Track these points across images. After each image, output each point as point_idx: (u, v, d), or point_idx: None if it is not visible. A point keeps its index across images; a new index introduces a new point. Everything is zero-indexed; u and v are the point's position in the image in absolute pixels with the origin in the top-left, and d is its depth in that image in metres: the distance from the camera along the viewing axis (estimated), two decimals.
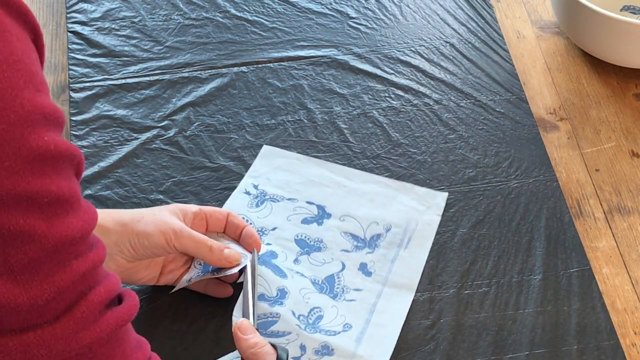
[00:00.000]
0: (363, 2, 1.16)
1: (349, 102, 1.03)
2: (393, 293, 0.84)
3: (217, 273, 0.81)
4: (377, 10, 1.15)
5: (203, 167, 0.96)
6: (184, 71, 1.07)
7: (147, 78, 1.06)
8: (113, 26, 1.12)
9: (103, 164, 0.96)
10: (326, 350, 0.78)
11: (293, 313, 0.80)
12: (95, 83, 1.05)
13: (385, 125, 1.01)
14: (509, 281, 0.86)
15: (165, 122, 1.01)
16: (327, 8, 1.15)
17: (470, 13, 1.14)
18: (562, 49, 1.11)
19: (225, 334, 0.81)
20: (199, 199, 0.93)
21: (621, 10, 1.13)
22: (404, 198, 0.92)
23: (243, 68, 1.07)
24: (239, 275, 0.84)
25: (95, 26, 1.12)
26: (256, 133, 1.00)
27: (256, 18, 1.14)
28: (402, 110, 1.03)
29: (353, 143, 0.99)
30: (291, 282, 0.82)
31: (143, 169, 0.96)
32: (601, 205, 0.94)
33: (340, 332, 0.80)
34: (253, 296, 0.78)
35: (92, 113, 1.02)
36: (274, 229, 0.89)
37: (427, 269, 0.87)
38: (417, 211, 0.91)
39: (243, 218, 0.88)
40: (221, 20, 1.13)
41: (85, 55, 1.08)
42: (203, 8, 1.15)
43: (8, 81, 0.47)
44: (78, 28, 1.11)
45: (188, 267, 0.83)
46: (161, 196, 0.93)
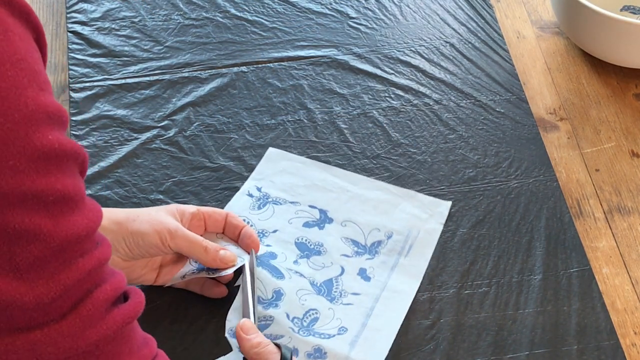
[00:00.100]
0: (363, 2, 1.16)
1: (349, 102, 1.03)
2: (391, 297, 0.84)
3: (212, 273, 0.81)
4: (377, 10, 1.15)
5: (203, 167, 0.96)
6: (184, 71, 1.07)
7: (147, 78, 1.06)
8: (113, 26, 1.12)
9: (103, 164, 0.96)
10: (319, 353, 0.78)
11: (287, 315, 0.80)
12: (95, 83, 1.05)
13: (385, 125, 1.01)
14: (509, 281, 0.86)
15: (165, 122, 1.01)
16: (327, 8, 1.15)
17: (470, 13, 1.14)
18: (562, 49, 1.11)
19: (225, 334, 0.81)
20: (199, 199, 0.93)
21: (621, 10, 1.13)
22: (407, 206, 0.92)
23: (243, 68, 1.07)
24: (234, 276, 0.83)
25: (95, 26, 1.12)
26: (256, 133, 1.00)
27: (256, 18, 1.14)
28: (402, 110, 1.03)
29: (353, 143, 0.99)
30: (288, 283, 0.82)
31: (143, 169, 0.96)
32: (601, 205, 0.94)
33: (334, 336, 0.80)
34: (253, 296, 0.78)
35: (92, 113, 1.02)
36: (275, 232, 0.89)
37: (427, 269, 0.87)
38: (420, 219, 0.90)
39: (244, 220, 0.88)
40: (221, 20, 1.13)
41: (85, 55, 1.08)
42: (203, 8, 1.15)
43: (12, 80, 0.48)
44: (78, 28, 1.11)
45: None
46: (161, 196, 0.93)
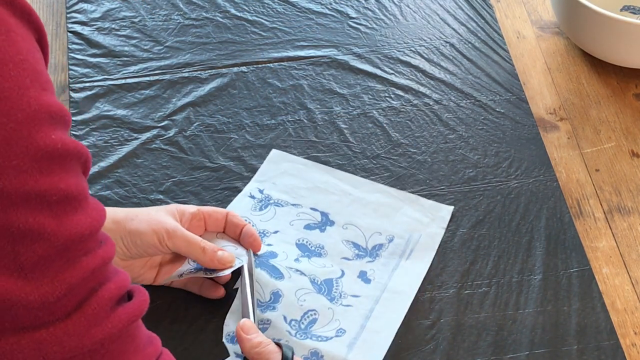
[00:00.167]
0: (363, 2, 1.16)
1: (349, 102, 1.03)
2: (391, 298, 0.83)
3: (210, 273, 0.80)
4: (377, 10, 1.15)
5: (203, 167, 0.96)
6: (184, 71, 1.07)
7: (147, 78, 1.06)
8: (113, 26, 1.12)
9: (103, 164, 0.96)
10: (316, 357, 0.77)
11: (284, 318, 0.79)
12: (95, 83, 1.05)
13: (385, 125, 1.01)
14: (509, 281, 0.86)
15: (165, 122, 1.01)
16: (327, 8, 1.15)
17: (470, 13, 1.14)
18: (562, 49, 1.11)
19: (222, 339, 0.81)
20: (199, 199, 0.93)
21: (621, 10, 1.13)
22: (409, 209, 0.91)
23: (243, 68, 1.07)
24: (232, 277, 0.83)
25: (95, 26, 1.12)
26: (256, 133, 1.00)
27: (256, 18, 1.14)
28: (402, 110, 1.03)
29: (353, 143, 0.99)
30: (287, 283, 0.81)
31: (143, 169, 0.96)
32: (601, 205, 0.94)
33: (332, 338, 0.79)
34: (252, 296, 0.78)
35: (92, 113, 1.02)
36: (276, 232, 0.89)
37: (427, 270, 0.87)
38: (421, 223, 0.90)
39: (245, 220, 0.88)
40: (221, 20, 1.13)
41: (85, 55, 1.08)
42: (203, 8, 1.15)
43: (14, 80, 0.48)
44: (78, 28, 1.11)
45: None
46: (161, 196, 0.93)
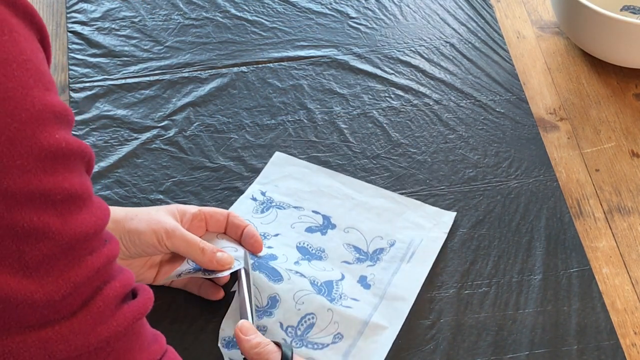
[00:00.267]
0: (363, 2, 1.16)
1: (349, 102, 1.03)
2: (389, 306, 0.83)
3: (209, 274, 0.80)
4: (377, 10, 1.15)
5: (203, 167, 0.96)
6: (184, 71, 1.07)
7: (147, 78, 1.06)
8: (113, 26, 1.12)
9: (103, 164, 0.96)
10: None
11: (281, 325, 0.78)
12: (95, 83, 1.05)
13: (385, 125, 1.01)
14: (509, 281, 0.86)
15: (165, 122, 1.01)
16: (327, 8, 1.15)
17: (470, 13, 1.14)
18: (562, 49, 1.11)
19: (218, 344, 0.81)
20: (199, 199, 0.93)
21: (621, 10, 1.13)
22: (412, 215, 0.91)
23: (243, 68, 1.07)
24: (231, 279, 0.83)
25: (95, 26, 1.12)
26: (256, 133, 1.00)
27: (256, 18, 1.14)
28: (402, 110, 1.03)
29: (353, 143, 0.99)
30: (286, 286, 0.80)
31: (143, 169, 0.96)
32: (601, 205, 0.94)
33: (328, 345, 0.78)
34: (250, 297, 0.77)
35: (92, 113, 1.02)
36: (277, 235, 0.88)
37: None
38: (424, 228, 0.90)
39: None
40: (221, 20, 1.13)
41: (85, 55, 1.08)
42: (203, 8, 1.15)
43: (18, 80, 0.48)
44: (78, 28, 1.11)
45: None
46: (161, 196, 0.93)
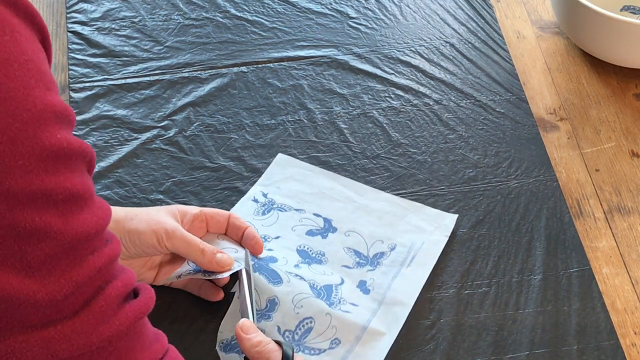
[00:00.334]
0: (363, 2, 1.16)
1: (349, 102, 1.03)
2: (388, 311, 0.82)
3: (208, 275, 0.80)
4: (377, 10, 1.15)
5: (203, 167, 0.96)
6: (184, 71, 1.07)
7: (147, 78, 1.06)
8: (113, 26, 1.12)
9: (103, 164, 0.96)
10: None
11: (278, 329, 0.78)
12: (95, 83, 1.05)
13: (385, 125, 1.01)
14: (509, 281, 0.86)
15: (165, 122, 1.01)
16: (327, 8, 1.15)
17: (470, 13, 1.14)
18: (562, 49, 1.11)
19: (216, 347, 0.81)
20: (199, 199, 0.93)
21: (621, 10, 1.13)
22: (413, 218, 0.90)
23: (243, 68, 1.07)
24: (231, 280, 0.83)
25: (95, 26, 1.12)
26: (256, 133, 1.00)
27: (256, 18, 1.14)
28: (402, 110, 1.03)
29: (353, 143, 0.99)
30: (285, 288, 0.80)
31: (143, 169, 0.96)
32: (601, 205, 0.94)
33: (325, 351, 0.78)
34: (250, 296, 0.77)
35: (92, 113, 1.02)
36: (277, 238, 0.88)
37: None
38: (425, 231, 0.89)
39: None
40: (221, 20, 1.13)
41: (85, 55, 1.08)
42: (203, 8, 1.15)
43: (19, 80, 0.48)
44: (78, 28, 1.11)
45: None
46: (161, 196, 0.93)
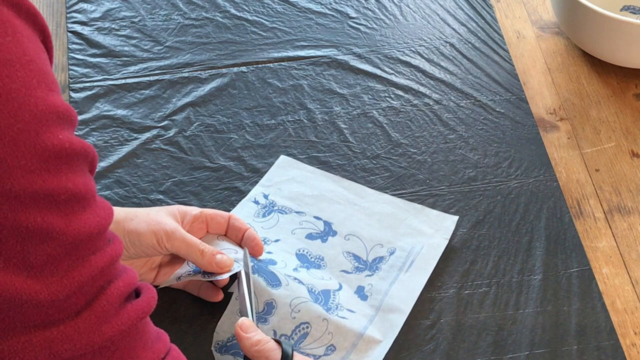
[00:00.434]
0: (363, 2, 1.16)
1: (349, 102, 1.03)
2: (385, 318, 0.82)
3: (208, 276, 0.79)
4: (377, 10, 1.15)
5: (203, 167, 0.96)
6: (184, 71, 1.07)
7: (147, 78, 1.06)
8: (113, 26, 1.12)
9: (103, 164, 0.96)
10: None
11: (274, 333, 0.78)
12: (95, 83, 1.05)
13: (385, 125, 1.01)
14: (509, 281, 0.86)
15: (165, 122, 1.01)
16: (327, 8, 1.15)
17: (470, 13, 1.14)
18: (562, 49, 1.11)
19: (211, 347, 0.81)
20: (199, 199, 0.93)
21: (621, 10, 1.13)
22: (414, 221, 0.90)
23: (243, 68, 1.07)
24: (230, 280, 0.83)
25: (95, 26, 1.12)
26: (256, 133, 1.00)
27: (256, 18, 1.14)
28: (402, 110, 1.03)
29: (353, 143, 0.99)
30: (283, 292, 0.79)
31: (143, 169, 0.96)
32: (601, 205, 0.94)
33: (320, 357, 0.78)
34: (250, 295, 0.77)
35: (92, 113, 1.02)
36: (277, 241, 0.88)
37: None
38: (425, 235, 0.89)
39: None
40: (221, 20, 1.13)
41: (85, 55, 1.08)
42: (203, 8, 1.15)
43: (21, 81, 0.48)
44: (78, 28, 1.12)
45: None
46: (161, 196, 0.93)
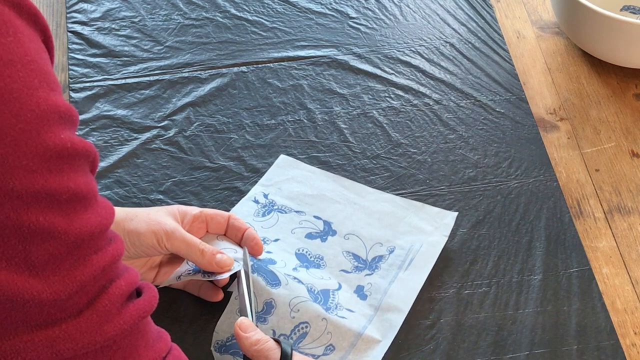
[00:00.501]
0: (363, 2, 1.16)
1: (349, 102, 1.03)
2: (384, 318, 0.82)
3: (208, 276, 0.79)
4: (377, 10, 1.15)
5: (203, 167, 0.96)
6: (184, 71, 1.07)
7: (147, 78, 1.06)
8: (113, 26, 1.12)
9: (103, 164, 0.96)
10: None
11: (273, 333, 0.78)
12: (95, 83, 1.05)
13: (385, 125, 1.01)
14: (509, 281, 0.86)
15: (165, 122, 1.01)
16: (327, 8, 1.15)
17: (470, 13, 1.14)
18: (562, 49, 1.11)
19: (211, 347, 0.81)
20: (199, 199, 0.93)
21: (621, 10, 1.13)
22: (414, 218, 0.90)
23: (243, 68, 1.07)
24: (230, 279, 0.83)
25: (95, 26, 1.12)
26: (256, 133, 1.00)
27: (256, 18, 1.14)
28: (402, 110, 1.03)
29: (353, 143, 0.99)
30: (282, 292, 0.79)
31: (143, 169, 0.96)
32: (601, 205, 0.94)
33: (319, 357, 0.78)
34: (249, 295, 0.77)
35: (92, 113, 1.02)
36: (276, 240, 0.88)
37: None
38: (424, 232, 0.89)
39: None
40: (221, 20, 1.13)
41: (85, 55, 1.08)
42: (203, 8, 1.15)
43: (23, 81, 0.48)
44: (78, 28, 1.12)
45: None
46: (161, 196, 0.93)
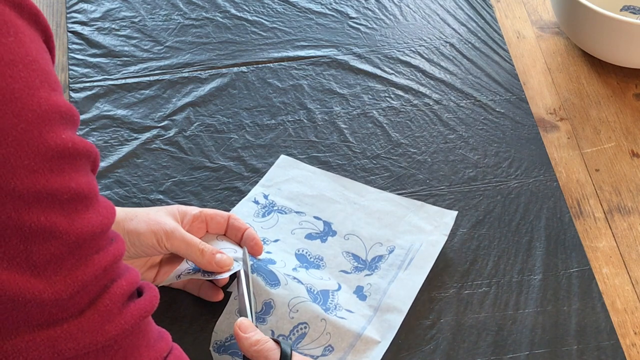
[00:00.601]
0: (363, 2, 1.16)
1: (349, 102, 1.03)
2: (383, 319, 0.82)
3: (208, 275, 0.79)
4: (377, 10, 1.15)
5: (203, 167, 0.96)
6: (184, 71, 1.07)
7: (147, 78, 1.06)
8: (113, 26, 1.12)
9: (103, 164, 0.96)
10: None
11: (272, 333, 0.78)
12: (95, 83, 1.05)
13: (385, 125, 1.01)
14: (509, 281, 0.86)
15: (165, 122, 1.01)
16: (327, 8, 1.15)
17: (470, 13, 1.14)
18: (562, 49, 1.11)
19: (210, 347, 0.81)
20: (199, 199, 0.93)
21: (621, 10, 1.13)
22: (413, 217, 0.90)
23: (243, 68, 1.07)
24: (230, 279, 0.83)
25: (95, 26, 1.12)
26: (256, 133, 1.00)
27: (256, 18, 1.14)
28: (402, 110, 1.03)
29: (353, 143, 0.99)
30: (282, 292, 0.79)
31: (143, 169, 0.96)
32: (601, 205, 0.94)
33: (317, 358, 0.77)
34: (249, 295, 0.77)
35: (92, 113, 1.02)
36: (276, 241, 0.88)
37: None
38: (424, 231, 0.89)
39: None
40: (221, 20, 1.13)
41: (85, 55, 1.08)
42: (203, 8, 1.15)
43: (24, 81, 0.48)
44: (78, 28, 1.12)
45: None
46: (161, 196, 0.93)
